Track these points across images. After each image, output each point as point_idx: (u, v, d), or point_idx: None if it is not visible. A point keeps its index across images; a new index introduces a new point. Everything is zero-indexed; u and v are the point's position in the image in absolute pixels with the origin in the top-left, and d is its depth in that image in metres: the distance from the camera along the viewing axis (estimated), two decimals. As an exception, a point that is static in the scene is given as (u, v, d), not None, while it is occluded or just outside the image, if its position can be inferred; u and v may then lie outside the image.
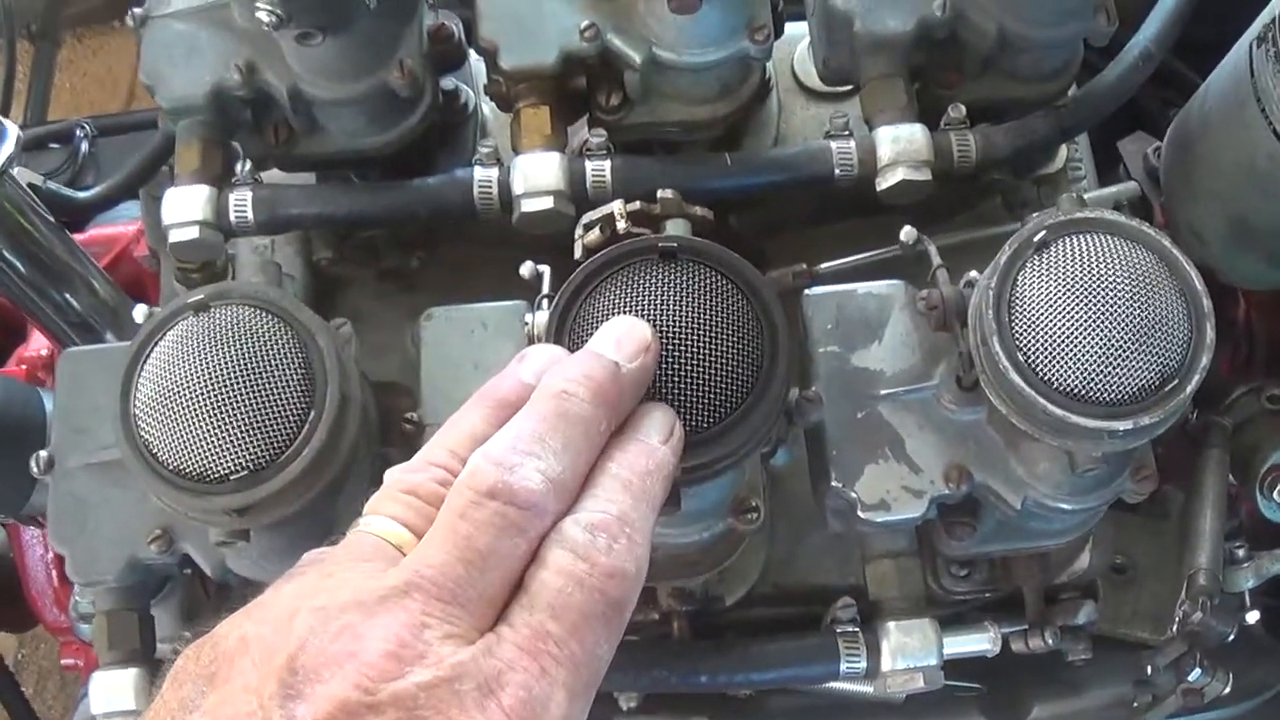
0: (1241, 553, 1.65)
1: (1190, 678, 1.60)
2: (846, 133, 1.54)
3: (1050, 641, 1.61)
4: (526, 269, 1.40)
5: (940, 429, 1.39)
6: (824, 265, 1.63)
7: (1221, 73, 1.59)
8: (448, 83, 1.70)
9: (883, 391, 1.40)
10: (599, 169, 1.52)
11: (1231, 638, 1.63)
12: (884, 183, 1.51)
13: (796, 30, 1.71)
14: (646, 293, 1.15)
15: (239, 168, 1.58)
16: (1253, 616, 1.65)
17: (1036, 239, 1.29)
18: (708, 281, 1.18)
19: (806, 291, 1.43)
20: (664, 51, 1.52)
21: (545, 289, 1.36)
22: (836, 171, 1.53)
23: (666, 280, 1.17)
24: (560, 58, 1.54)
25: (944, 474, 1.37)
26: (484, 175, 1.53)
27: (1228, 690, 1.63)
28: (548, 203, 1.50)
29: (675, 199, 1.44)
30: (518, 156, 1.53)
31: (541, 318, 1.35)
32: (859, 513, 1.37)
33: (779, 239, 1.71)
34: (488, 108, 1.76)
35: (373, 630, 0.82)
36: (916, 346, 1.41)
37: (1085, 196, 1.62)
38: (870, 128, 1.54)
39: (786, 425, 1.39)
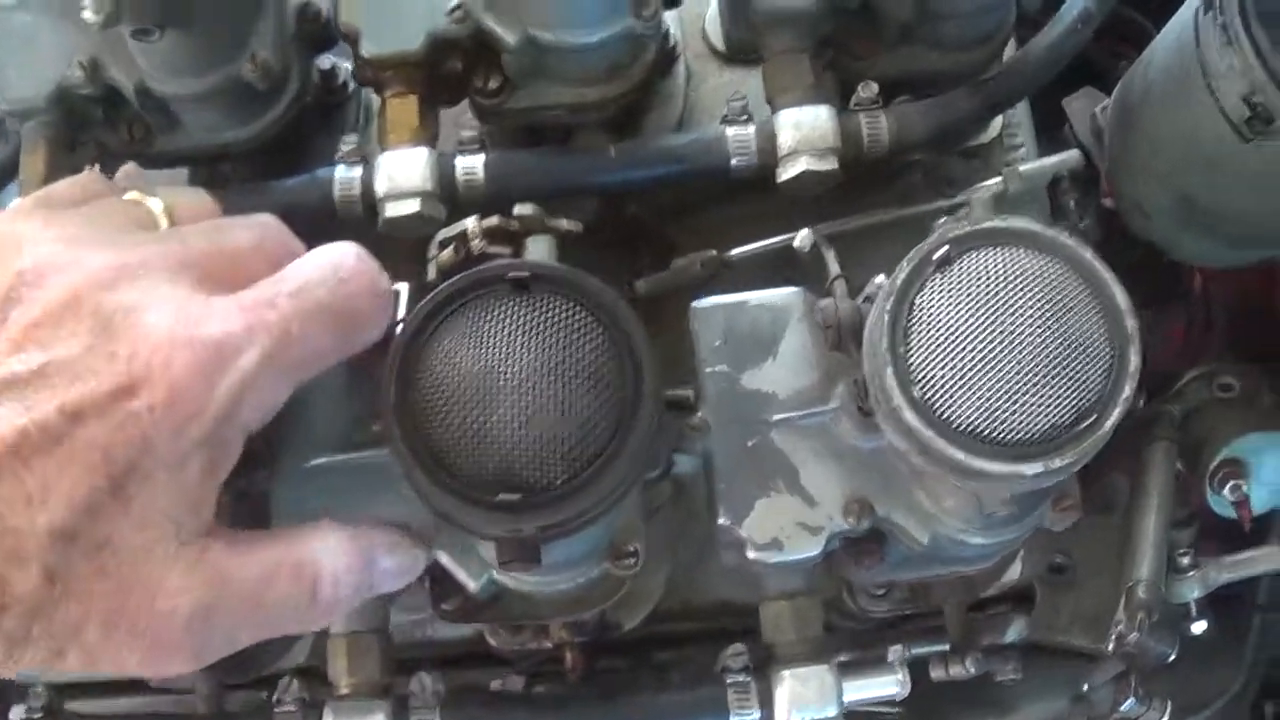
0: (1186, 560, 1.53)
1: (1123, 708, 1.48)
2: (744, 117, 1.41)
3: (972, 669, 1.50)
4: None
5: (840, 457, 1.26)
6: (736, 251, 1.51)
7: (1166, 39, 1.45)
8: (325, 61, 1.57)
9: (776, 416, 1.27)
10: (470, 166, 1.40)
11: (1173, 657, 1.51)
12: (785, 173, 1.39)
13: (708, -11, 1.57)
14: (494, 331, 1.06)
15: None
16: (1199, 626, 1.53)
17: (937, 255, 1.16)
18: (565, 316, 1.08)
19: (694, 304, 1.30)
20: (540, 31, 1.38)
21: (401, 311, 1.23)
22: (733, 161, 1.40)
23: (517, 316, 1.07)
24: (427, 42, 1.41)
25: (843, 507, 1.25)
26: (345, 175, 1.40)
27: (1166, 718, 1.52)
28: (414, 205, 1.38)
29: (537, 214, 1.32)
30: (382, 154, 1.39)
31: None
32: (748, 553, 1.25)
33: (687, 221, 1.57)
34: (374, 83, 1.61)
35: (104, 255, 0.96)
36: (815, 364, 1.28)
37: (1021, 169, 1.51)
38: (772, 110, 1.40)
39: (670, 455, 1.29)
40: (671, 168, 1.42)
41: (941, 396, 1.12)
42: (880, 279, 1.26)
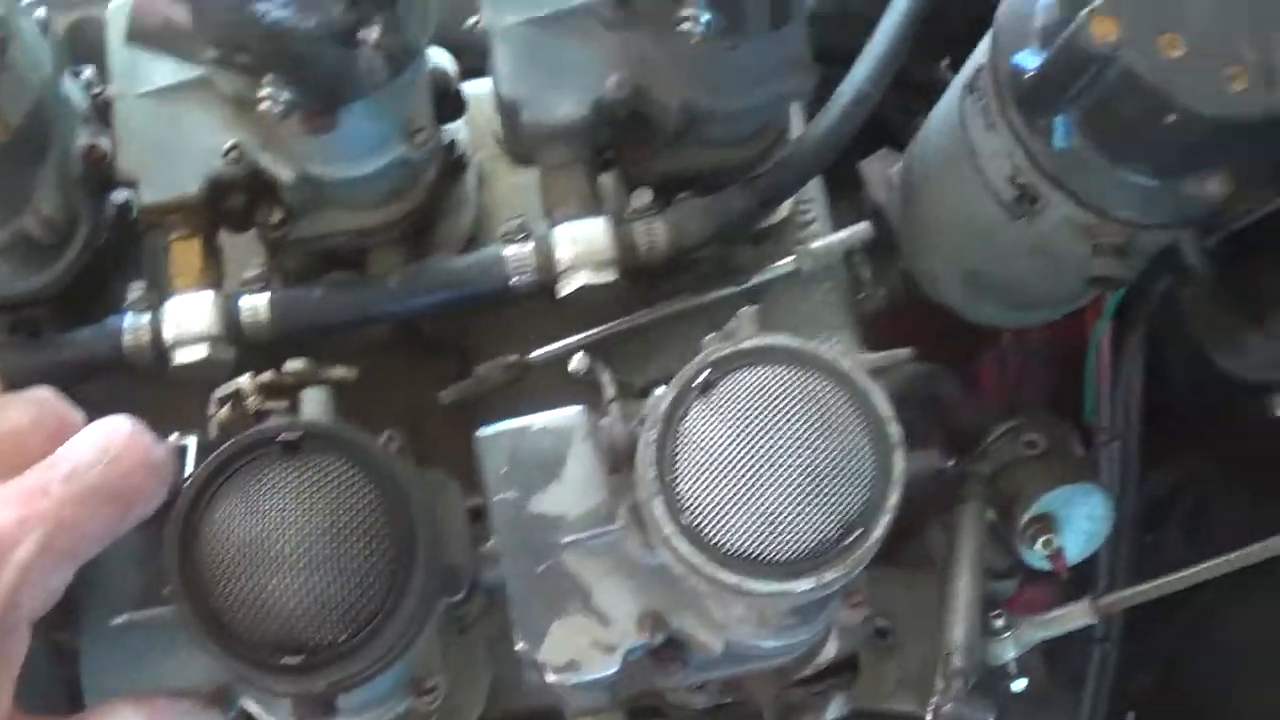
0: (1000, 622, 1.56)
1: (938, 788, 1.51)
2: (522, 235, 1.42)
3: (788, 766, 1.52)
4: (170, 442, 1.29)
5: (631, 574, 1.28)
6: (539, 352, 1.52)
7: (937, 117, 1.48)
8: (120, 195, 1.56)
9: (566, 539, 1.29)
10: (254, 306, 1.41)
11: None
12: (565, 288, 1.40)
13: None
14: (267, 495, 1.09)
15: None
16: (1019, 685, 1.56)
17: (698, 381, 1.19)
18: (337, 476, 1.12)
19: (477, 433, 1.31)
20: (314, 167, 1.39)
21: (189, 468, 1.24)
22: (513, 280, 1.41)
23: (289, 478, 1.10)
24: (206, 185, 1.42)
25: (637, 623, 1.27)
26: (133, 323, 1.41)
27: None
28: (202, 350, 1.39)
29: (308, 368, 1.32)
30: (168, 300, 1.40)
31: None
32: (547, 676, 1.27)
33: (488, 322, 1.57)
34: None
35: None
36: (601, 484, 1.30)
37: (813, 248, 1.53)
38: (550, 223, 1.42)
39: (472, 577, 1.31)
40: (452, 293, 1.43)
41: (711, 522, 1.15)
42: (660, 391, 1.27)
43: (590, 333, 1.51)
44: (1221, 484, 1.85)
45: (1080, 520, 1.59)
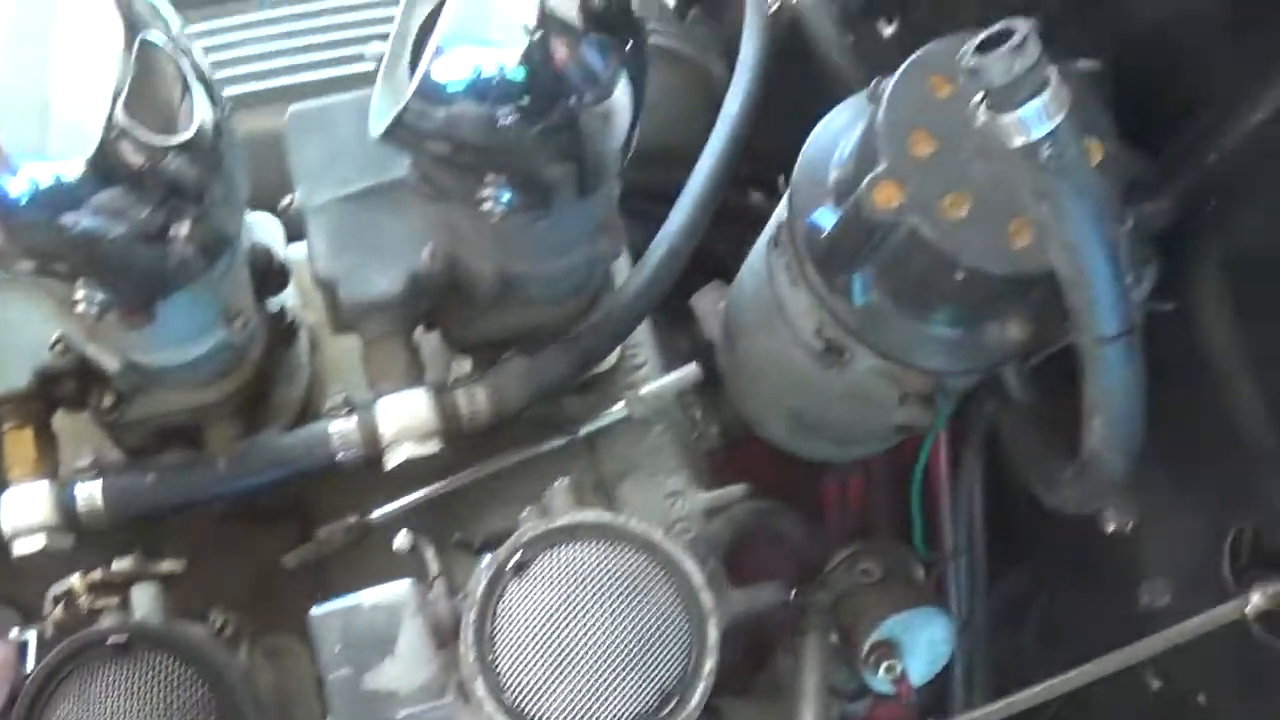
0: (844, 755, 1.59)
1: None
2: (345, 410, 1.45)
3: None
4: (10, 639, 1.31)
5: (465, 743, 1.31)
6: (378, 513, 1.54)
7: (748, 267, 1.51)
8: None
9: (400, 714, 1.32)
10: (89, 494, 1.42)
11: None
12: (391, 461, 1.43)
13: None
14: (99, 696, 1.13)
15: None
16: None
17: (512, 563, 1.21)
18: (166, 673, 1.15)
19: (311, 613, 1.33)
20: (138, 356, 1.41)
21: (29, 665, 1.26)
22: (339, 456, 1.44)
23: (120, 678, 1.15)
24: (35, 378, 1.44)
25: (472, 792, 1.29)
26: (-31, 515, 1.42)
27: None
28: (40, 541, 1.40)
29: (136, 565, 1.35)
30: (5, 491, 1.42)
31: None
32: None
33: (323, 486, 1.57)
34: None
35: None
36: (431, 659, 1.33)
37: (643, 393, 1.56)
38: (374, 396, 1.44)
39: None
40: (281, 471, 1.46)
41: (531, 700, 1.18)
42: (486, 559, 1.30)
43: (426, 491, 1.54)
44: (1072, 587, 1.88)
45: (922, 643, 1.62)
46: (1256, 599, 1.41)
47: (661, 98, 1.59)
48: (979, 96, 1.10)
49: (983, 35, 1.07)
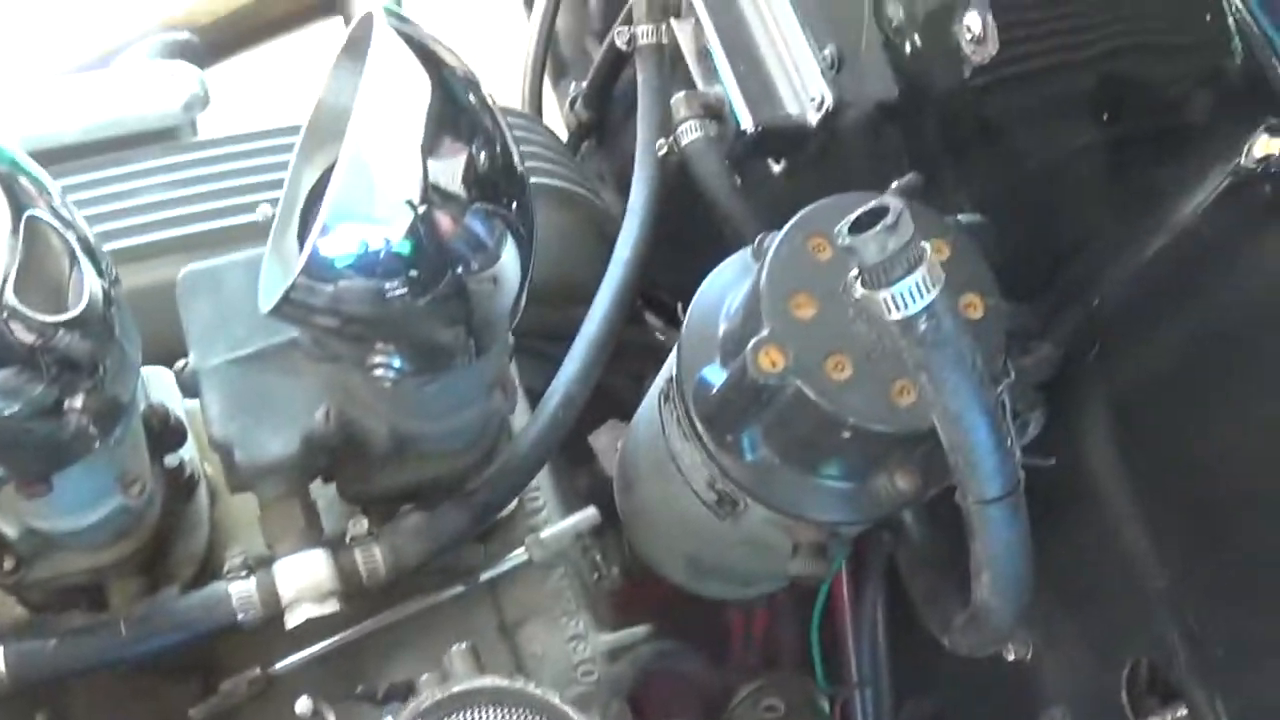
0: None
1: None
2: (244, 573, 1.45)
3: None
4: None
5: None
6: (281, 664, 1.54)
7: (642, 417, 1.52)
8: None
9: None
10: (-15, 662, 1.41)
11: None
12: (291, 621, 1.43)
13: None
14: None
15: None
16: None
17: (409, 737, 1.21)
18: None
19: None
20: (36, 523, 1.41)
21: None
22: (239, 617, 1.43)
23: None
24: (-64, 545, 1.43)
25: None
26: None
27: None
28: (-56, 706, 1.39)
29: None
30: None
31: None
32: None
33: (230, 640, 1.56)
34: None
35: None
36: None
37: (542, 537, 1.57)
38: (273, 556, 1.45)
39: None
40: (181, 634, 1.45)
41: None
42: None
43: (327, 644, 1.53)
44: (974, 714, 1.89)
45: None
46: (1153, 730, 1.42)
47: (555, 237, 1.65)
48: (854, 273, 1.13)
49: (856, 213, 1.09)
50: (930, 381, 1.14)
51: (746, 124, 1.73)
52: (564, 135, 2.34)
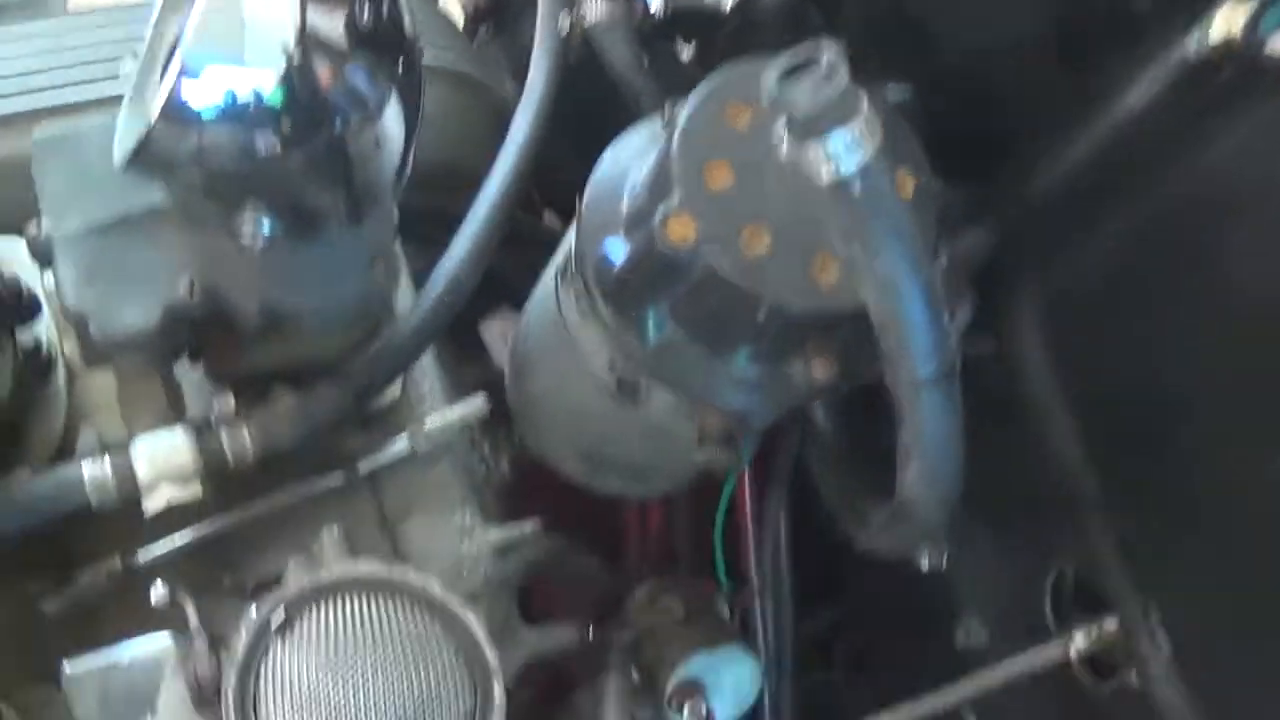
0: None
1: None
2: (98, 453, 1.34)
3: None
4: None
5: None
6: (142, 556, 1.43)
7: (536, 300, 1.43)
8: None
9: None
10: None
11: None
12: (151, 506, 1.33)
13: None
14: None
15: None
16: None
17: (275, 622, 1.12)
18: None
19: (64, 668, 1.24)
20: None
21: None
22: (94, 501, 1.33)
23: None
24: None
25: None
26: None
27: None
28: None
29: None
30: None
31: None
32: None
33: (89, 528, 1.44)
34: None
35: None
36: (194, 716, 1.22)
37: (427, 429, 1.47)
38: (130, 437, 1.35)
39: None
40: (30, 518, 1.34)
41: (300, 765, 1.09)
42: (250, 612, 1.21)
43: (193, 532, 1.43)
44: (884, 625, 1.83)
45: (728, 683, 1.55)
46: (1079, 640, 1.37)
47: (446, 119, 1.54)
48: (782, 126, 1.02)
49: (786, 60, 0.99)
50: (862, 250, 1.04)
51: (656, 4, 1.63)
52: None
